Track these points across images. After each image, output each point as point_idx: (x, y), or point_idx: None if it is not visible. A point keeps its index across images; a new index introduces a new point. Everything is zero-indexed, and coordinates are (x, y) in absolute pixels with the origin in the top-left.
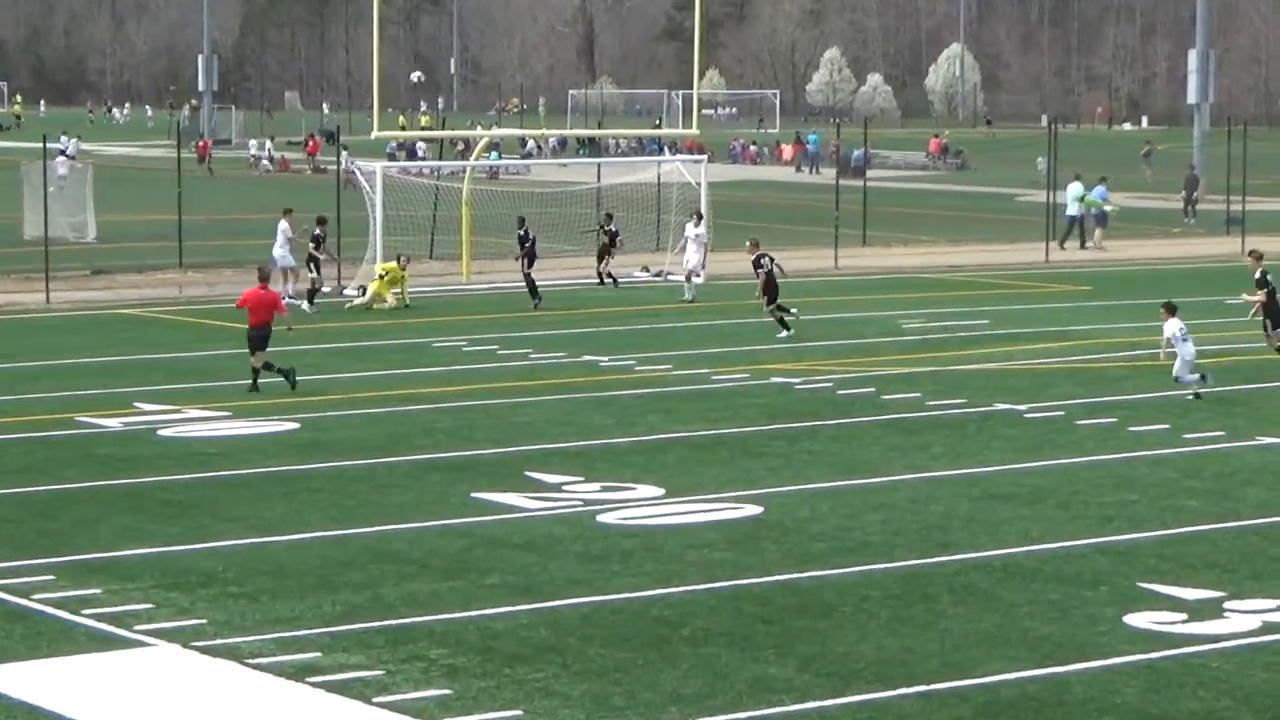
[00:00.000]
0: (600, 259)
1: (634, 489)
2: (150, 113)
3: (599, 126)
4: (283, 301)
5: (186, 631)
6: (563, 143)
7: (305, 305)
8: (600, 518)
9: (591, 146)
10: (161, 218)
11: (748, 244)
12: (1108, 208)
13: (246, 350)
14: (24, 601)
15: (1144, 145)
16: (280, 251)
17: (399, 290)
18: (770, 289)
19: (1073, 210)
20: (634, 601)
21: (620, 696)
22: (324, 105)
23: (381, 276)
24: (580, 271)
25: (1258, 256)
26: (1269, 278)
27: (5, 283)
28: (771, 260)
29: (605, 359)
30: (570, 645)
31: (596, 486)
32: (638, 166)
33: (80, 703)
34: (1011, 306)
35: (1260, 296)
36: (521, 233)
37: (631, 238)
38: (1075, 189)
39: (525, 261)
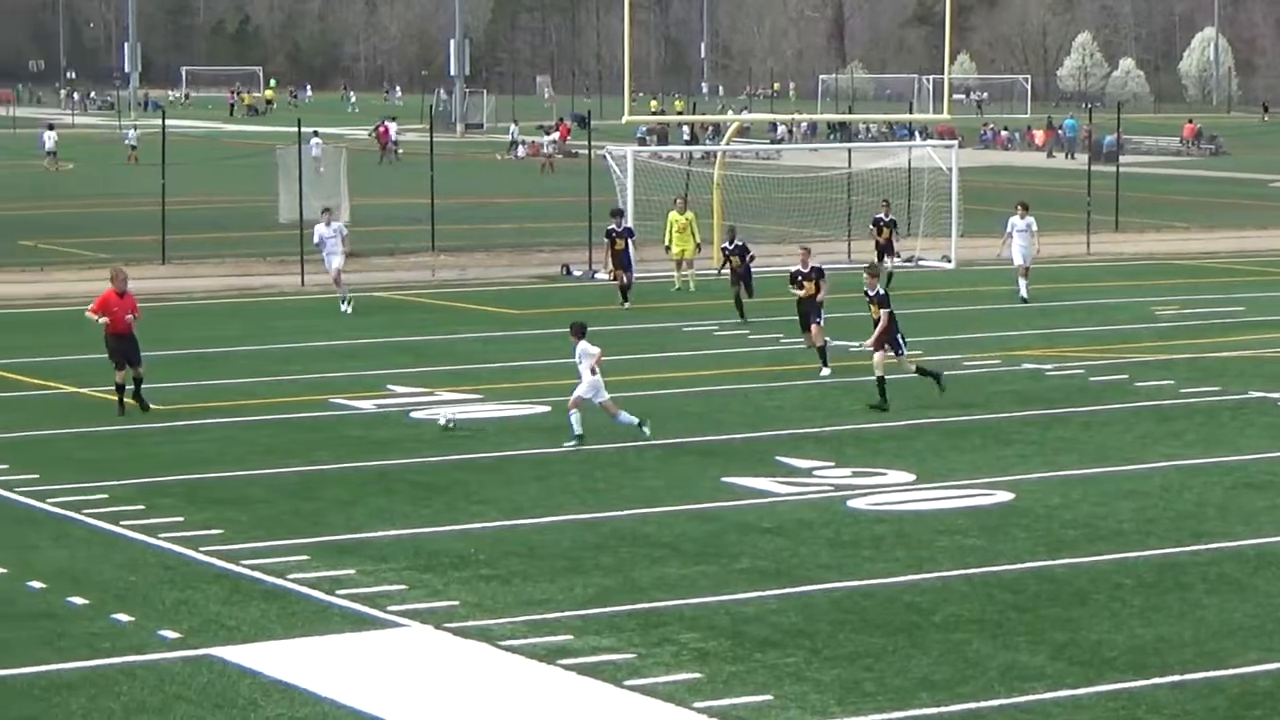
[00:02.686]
0: (883, 255)
1: (885, 474)
2: (399, 92)
3: (849, 111)
4: None
5: (439, 613)
6: (813, 128)
7: (622, 303)
8: (851, 503)
9: (842, 131)
10: (414, 201)
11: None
12: None
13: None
14: (280, 581)
15: None
16: (334, 258)
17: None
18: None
19: None
20: (885, 587)
21: (871, 683)
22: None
23: (673, 232)
24: (831, 256)
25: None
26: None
27: (260, 265)
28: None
29: (855, 344)
30: (821, 630)
31: (847, 472)
32: (888, 152)
33: (335, 682)
34: (1267, 293)
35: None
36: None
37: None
38: None
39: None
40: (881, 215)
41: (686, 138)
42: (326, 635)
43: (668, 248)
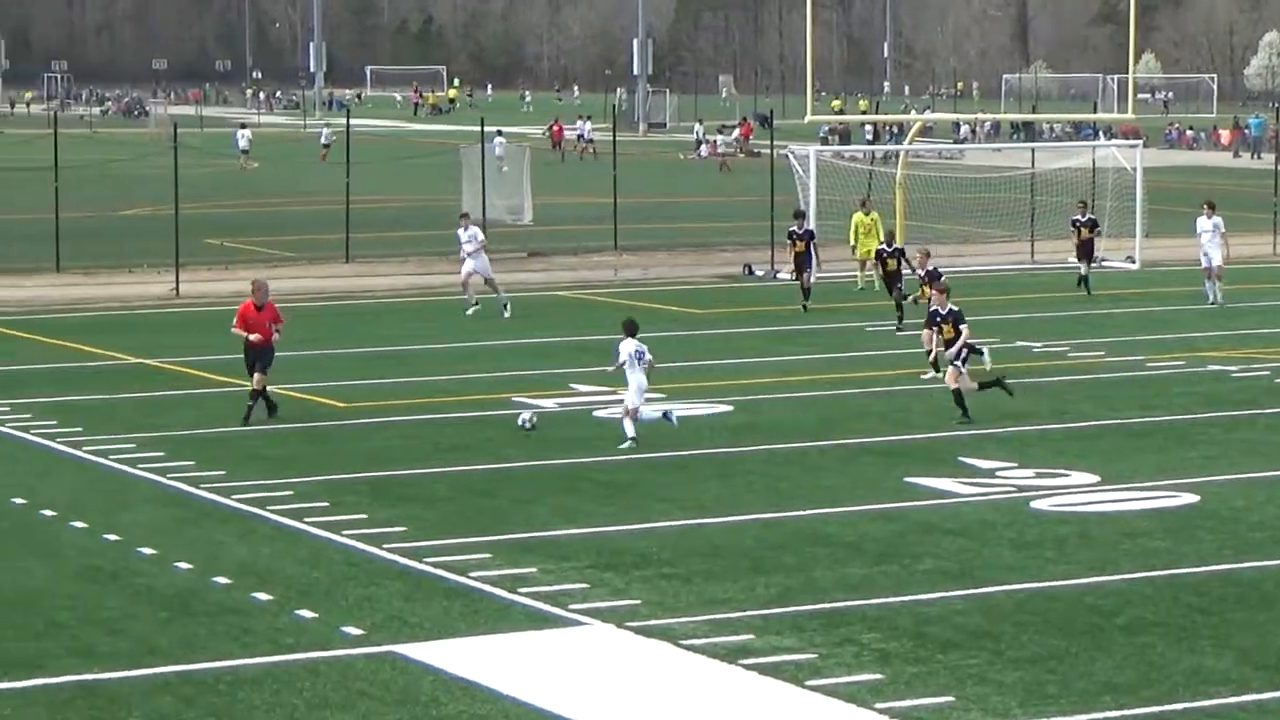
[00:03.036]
0: (1084, 257)
1: (1068, 475)
2: (577, 91)
3: (1033, 111)
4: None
5: (621, 611)
6: (996, 127)
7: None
8: (1034, 504)
9: (1025, 131)
10: (597, 200)
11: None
12: None
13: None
14: (462, 579)
15: None
16: (466, 261)
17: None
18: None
19: None
20: (1068, 589)
21: (1054, 685)
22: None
23: (858, 232)
24: (1014, 256)
25: (926, 254)
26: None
27: (443, 265)
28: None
29: (1038, 344)
30: (1004, 632)
31: (1030, 472)
32: (1072, 151)
33: (516, 680)
34: None
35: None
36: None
37: (1064, 224)
38: None
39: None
40: (1079, 216)
41: (869, 137)
42: (508, 633)
43: (853, 248)
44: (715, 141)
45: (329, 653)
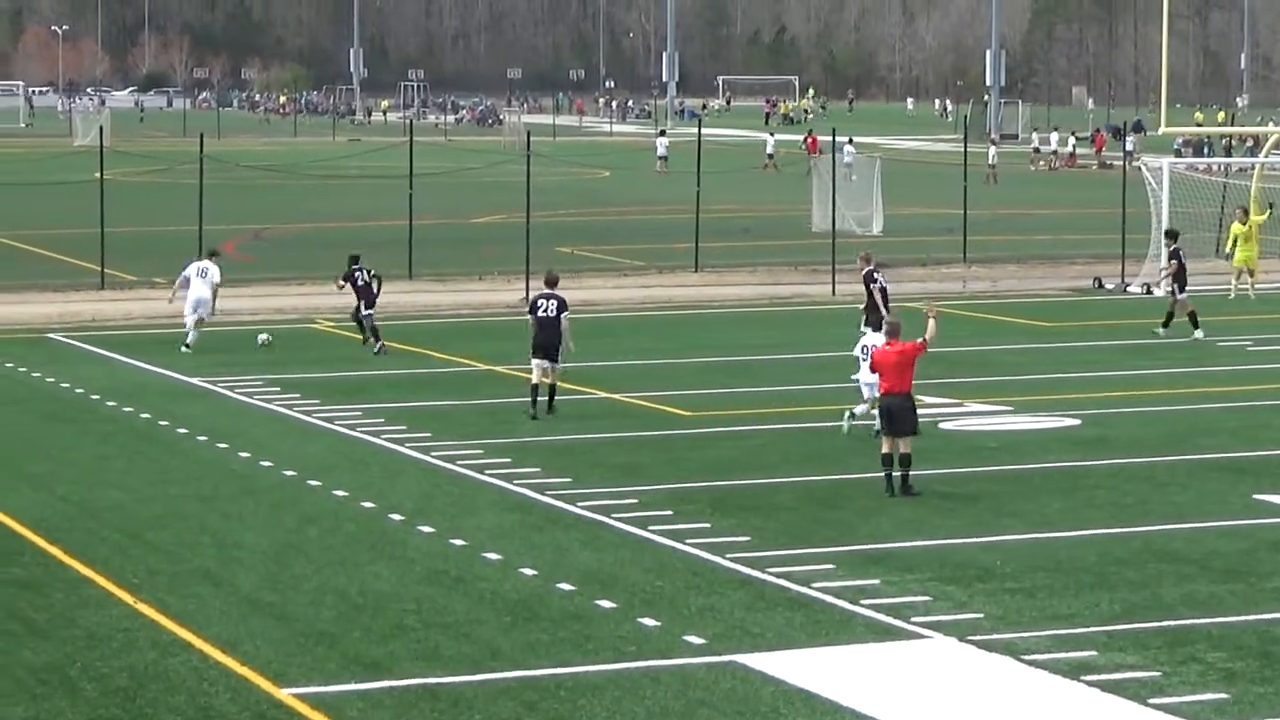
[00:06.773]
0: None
1: None
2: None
3: None
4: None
5: (963, 625)
6: None
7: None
8: None
9: None
10: (946, 212)
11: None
12: None
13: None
14: (804, 590)
15: None
16: (202, 295)
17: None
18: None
19: None
20: None
21: None
22: (1109, 100)
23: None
24: None
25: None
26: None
27: (794, 274)
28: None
29: None
30: None
31: None
32: None
33: (857, 692)
34: None
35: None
36: None
37: None
38: None
39: None
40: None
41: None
42: (850, 645)
43: (1228, 256)
44: (1071, 153)
45: (671, 661)
